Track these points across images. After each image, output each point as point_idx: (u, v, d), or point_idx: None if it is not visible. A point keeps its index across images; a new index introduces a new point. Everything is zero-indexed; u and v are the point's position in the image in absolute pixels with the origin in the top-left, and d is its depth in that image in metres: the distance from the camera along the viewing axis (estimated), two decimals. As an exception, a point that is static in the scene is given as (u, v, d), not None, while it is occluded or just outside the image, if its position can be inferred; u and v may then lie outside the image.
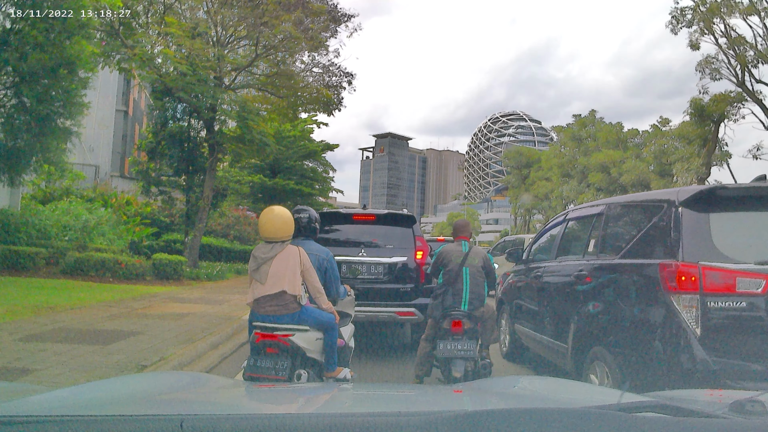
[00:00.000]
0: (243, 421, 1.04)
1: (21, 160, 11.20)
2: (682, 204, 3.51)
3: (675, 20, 27.07)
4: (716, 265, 3.23)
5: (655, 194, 4.09)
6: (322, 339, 3.66)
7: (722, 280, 3.20)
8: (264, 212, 3.67)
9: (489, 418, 1.00)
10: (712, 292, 3.19)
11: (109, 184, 27.40)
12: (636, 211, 4.28)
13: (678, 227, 3.44)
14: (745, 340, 3.19)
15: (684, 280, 3.26)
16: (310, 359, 3.61)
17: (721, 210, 3.49)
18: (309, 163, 28.27)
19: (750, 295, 3.17)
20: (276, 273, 3.52)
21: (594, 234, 4.66)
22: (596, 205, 5.03)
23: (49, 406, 1.37)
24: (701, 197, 3.50)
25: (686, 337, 3.20)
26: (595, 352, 3.96)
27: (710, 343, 3.15)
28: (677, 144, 34.31)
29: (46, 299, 8.60)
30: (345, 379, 3.75)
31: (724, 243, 3.32)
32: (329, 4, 16.32)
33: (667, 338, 3.32)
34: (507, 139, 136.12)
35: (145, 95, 28.34)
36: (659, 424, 1.07)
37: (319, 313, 3.68)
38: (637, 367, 3.55)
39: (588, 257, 4.59)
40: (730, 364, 3.15)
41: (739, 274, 3.19)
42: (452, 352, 4.46)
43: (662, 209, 3.68)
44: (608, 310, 4.01)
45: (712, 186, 3.70)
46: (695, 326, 3.19)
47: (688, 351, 3.19)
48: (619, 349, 3.74)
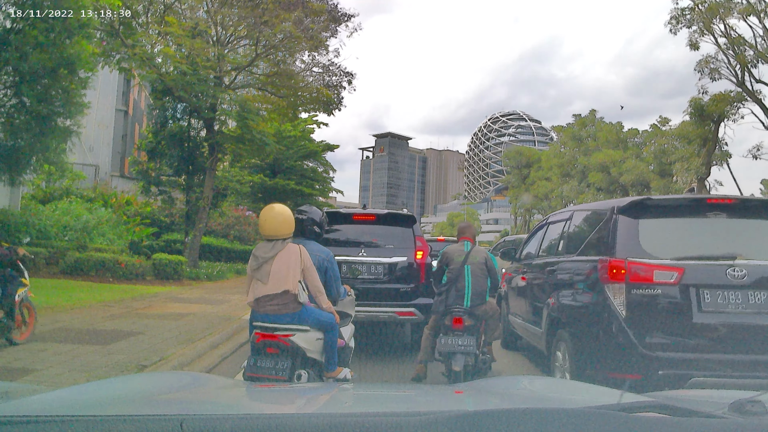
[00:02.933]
0: (243, 421, 1.04)
1: (21, 159, 11.19)
2: (618, 212, 4.34)
3: (675, 20, 27.08)
4: (639, 260, 4.01)
5: (604, 204, 4.94)
6: (323, 339, 3.64)
7: (643, 272, 3.98)
8: (264, 210, 3.62)
9: (489, 419, 1.00)
10: (635, 282, 3.98)
11: (109, 184, 27.40)
12: (591, 217, 5.05)
13: (615, 230, 4.27)
14: (661, 319, 3.98)
15: (614, 272, 4.05)
16: (310, 359, 3.59)
17: (648, 217, 4.31)
18: (309, 163, 28.27)
19: (665, 284, 3.95)
20: (278, 272, 3.47)
21: (563, 236, 5.49)
22: (565, 212, 5.93)
23: (49, 406, 1.37)
24: (633, 206, 4.35)
25: (615, 317, 4.00)
26: (559, 335, 4.79)
27: (633, 322, 3.95)
28: (677, 144, 34.29)
29: (46, 299, 8.60)
30: (345, 379, 3.74)
31: (649, 243, 4.12)
32: (329, 3, 16.33)
33: (602, 319, 4.11)
34: (507, 138, 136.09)
35: (145, 95, 28.32)
36: (659, 424, 1.07)
37: (319, 313, 3.65)
38: (583, 344, 4.40)
39: (558, 256, 5.40)
40: (648, 337, 3.93)
41: (657, 267, 3.97)
42: (453, 347, 4.67)
43: (606, 216, 4.48)
44: (567, 299, 4.86)
45: (642, 198, 4.51)
46: (622, 309, 3.99)
47: (617, 329, 3.99)
48: (573, 329, 4.61)
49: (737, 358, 3.85)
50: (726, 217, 4.29)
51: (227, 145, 16.47)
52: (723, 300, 3.93)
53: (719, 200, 4.39)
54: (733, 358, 3.85)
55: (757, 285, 3.91)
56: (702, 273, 3.99)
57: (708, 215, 4.31)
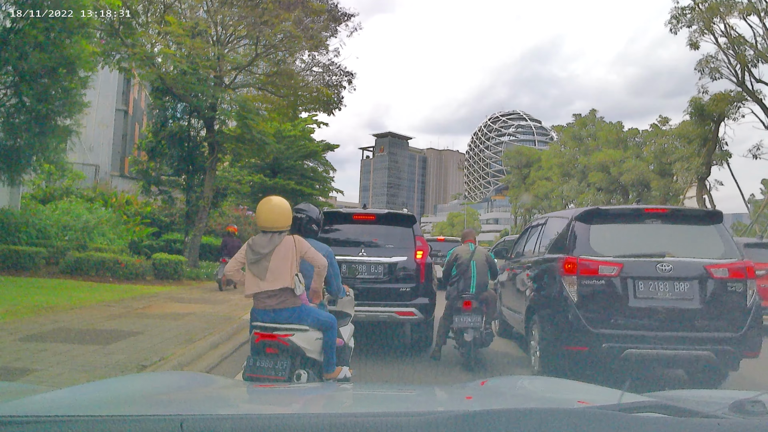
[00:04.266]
0: (243, 421, 1.04)
1: (21, 159, 11.19)
2: (575, 219, 5.42)
3: (675, 20, 27.07)
4: (588, 258, 5.04)
5: (567, 212, 6.17)
6: (322, 339, 3.64)
7: (590, 267, 4.99)
8: (262, 202, 3.61)
9: (489, 418, 1.00)
10: (584, 275, 4.99)
11: (109, 183, 27.39)
12: (558, 223, 6.03)
13: (572, 234, 5.32)
14: (604, 303, 4.97)
15: (569, 267, 5.07)
16: (310, 359, 3.59)
17: (598, 223, 5.34)
18: (309, 163, 28.26)
19: (607, 276, 4.95)
20: (276, 269, 3.46)
21: (540, 238, 6.53)
22: (543, 218, 7.11)
23: (49, 406, 1.37)
24: (587, 214, 5.43)
25: (569, 303, 5.00)
26: (533, 318, 5.81)
27: (582, 306, 4.96)
28: (677, 143, 34.27)
29: (46, 299, 8.61)
30: (345, 378, 3.75)
31: (597, 243, 5.16)
32: (329, 3, 16.31)
33: (560, 305, 5.12)
34: (507, 138, 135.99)
35: (145, 95, 28.31)
36: (659, 424, 1.07)
37: (317, 312, 3.65)
38: (548, 325, 5.39)
39: (535, 255, 6.37)
40: (594, 318, 4.92)
41: (601, 263, 4.98)
42: (464, 323, 6.03)
43: (567, 222, 5.54)
44: (538, 290, 5.86)
45: (593, 208, 5.65)
46: (574, 296, 5.00)
47: (570, 312, 4.99)
48: (541, 314, 5.62)
49: (663, 334, 4.80)
50: (660, 223, 5.42)
51: (227, 144, 16.48)
52: (653, 289, 4.93)
53: (654, 210, 5.53)
54: (661, 334, 4.80)
55: (681, 277, 4.91)
56: (637, 267, 4.95)
57: (645, 221, 5.44)
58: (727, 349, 4.78)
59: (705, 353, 4.79)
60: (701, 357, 4.84)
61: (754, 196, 58.00)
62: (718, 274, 4.92)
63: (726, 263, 4.98)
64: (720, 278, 4.92)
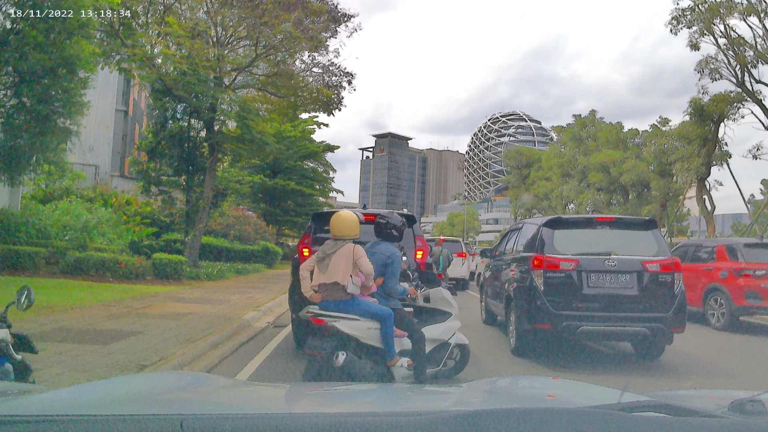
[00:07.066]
0: (243, 421, 1.04)
1: (21, 159, 11.18)
2: (542, 225, 6.80)
3: (675, 20, 27.02)
4: (551, 255, 6.35)
5: (537, 219, 7.62)
6: (377, 329, 4.29)
7: (553, 263, 6.30)
8: (334, 215, 4.46)
9: (489, 418, 1.00)
10: (548, 269, 6.29)
11: (109, 183, 27.40)
12: (531, 227, 7.42)
13: (541, 237, 6.63)
14: (563, 291, 6.25)
15: (537, 263, 6.38)
16: (366, 345, 4.25)
17: (561, 228, 6.72)
18: (309, 163, 28.29)
19: (566, 270, 6.25)
20: (334, 266, 4.26)
21: (517, 240, 7.96)
22: (520, 224, 8.58)
23: (49, 406, 1.37)
24: (552, 221, 6.83)
25: (537, 291, 6.30)
26: (512, 306, 7.05)
27: (547, 293, 6.25)
28: (677, 144, 34.22)
29: (45, 299, 8.60)
30: (401, 367, 4.37)
31: (559, 244, 6.47)
32: (329, 3, 16.29)
33: (530, 293, 6.41)
34: (507, 139, 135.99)
35: (145, 95, 28.32)
36: (659, 424, 1.07)
37: (367, 305, 4.31)
38: (521, 309, 6.66)
39: (513, 254, 7.80)
40: (556, 302, 6.18)
41: (561, 260, 6.30)
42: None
43: (537, 227, 6.93)
44: (515, 281, 7.08)
45: (556, 216, 7.14)
46: (541, 286, 6.28)
47: (538, 298, 6.29)
48: (516, 301, 6.90)
49: (609, 315, 6.11)
50: (608, 228, 6.74)
51: (227, 145, 16.46)
52: (601, 280, 6.24)
53: (603, 218, 6.91)
54: (607, 315, 6.11)
55: (623, 270, 6.21)
56: (589, 263, 6.25)
57: (596, 227, 6.77)
58: (659, 326, 6.07)
59: (642, 329, 6.09)
60: (639, 332, 6.15)
61: (754, 196, 58.13)
62: (651, 268, 6.22)
63: (658, 260, 6.29)
64: (653, 271, 6.23)
